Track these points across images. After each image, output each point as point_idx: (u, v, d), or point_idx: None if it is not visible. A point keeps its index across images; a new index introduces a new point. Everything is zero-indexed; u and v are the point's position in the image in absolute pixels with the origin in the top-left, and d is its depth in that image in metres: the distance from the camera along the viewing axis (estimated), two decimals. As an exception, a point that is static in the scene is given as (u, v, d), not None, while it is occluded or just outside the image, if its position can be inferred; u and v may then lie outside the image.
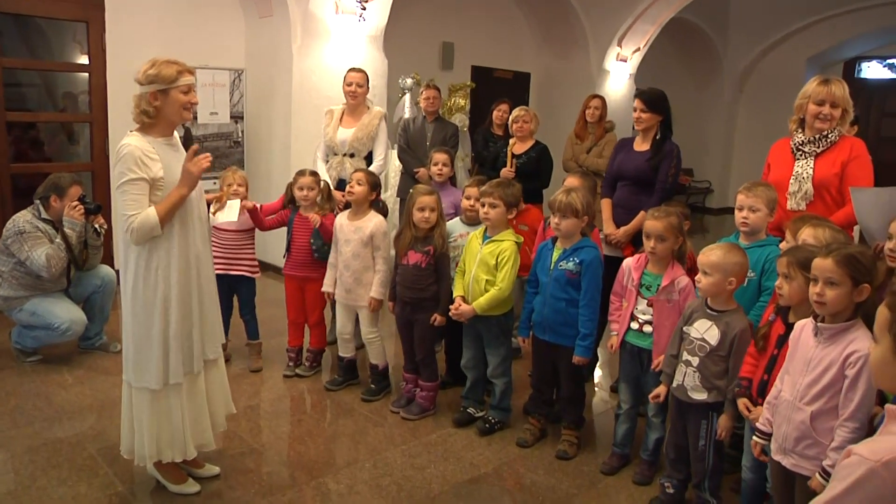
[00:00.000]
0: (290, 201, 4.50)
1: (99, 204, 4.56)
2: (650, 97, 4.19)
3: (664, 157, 4.14)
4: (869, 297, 2.30)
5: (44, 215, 4.44)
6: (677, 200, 4.16)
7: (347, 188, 4.12)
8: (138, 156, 2.75)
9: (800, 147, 3.55)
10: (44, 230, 4.39)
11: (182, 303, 2.90)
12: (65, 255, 4.40)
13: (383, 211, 4.24)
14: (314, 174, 4.44)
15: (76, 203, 4.43)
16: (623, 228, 4.21)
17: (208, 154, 2.95)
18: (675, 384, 3.03)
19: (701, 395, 2.94)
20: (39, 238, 4.34)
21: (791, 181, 3.53)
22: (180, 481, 3.14)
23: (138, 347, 2.90)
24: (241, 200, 4.34)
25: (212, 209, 3.74)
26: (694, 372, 2.95)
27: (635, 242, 4.20)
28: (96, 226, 4.57)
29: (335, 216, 4.33)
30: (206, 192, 3.12)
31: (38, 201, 4.46)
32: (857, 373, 2.22)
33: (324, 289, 4.26)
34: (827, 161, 3.47)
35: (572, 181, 4.05)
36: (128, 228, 2.74)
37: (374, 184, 4.17)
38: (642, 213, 4.11)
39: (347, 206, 4.29)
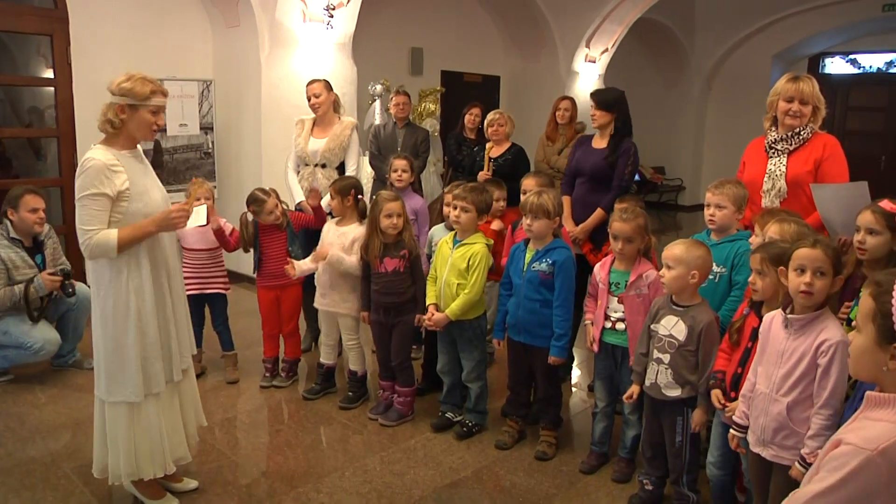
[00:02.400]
0: (251, 236, 4.43)
1: (70, 271, 4.49)
2: (601, 97, 4.32)
3: (621, 155, 4.23)
4: (838, 290, 2.36)
5: (12, 234, 4.37)
6: (630, 195, 4.22)
7: (326, 203, 4.12)
8: (103, 171, 2.73)
9: (773, 145, 3.58)
10: (5, 259, 4.30)
11: (159, 312, 2.90)
12: (17, 301, 4.29)
13: (362, 211, 4.20)
14: (267, 193, 4.37)
15: (58, 277, 4.36)
16: (581, 226, 4.27)
17: (187, 210, 2.97)
18: (647, 383, 3.06)
19: (675, 392, 2.97)
20: None
21: (765, 179, 3.56)
22: (158, 497, 3.11)
23: (112, 361, 2.87)
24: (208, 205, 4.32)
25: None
26: (666, 369, 2.98)
27: (592, 239, 4.25)
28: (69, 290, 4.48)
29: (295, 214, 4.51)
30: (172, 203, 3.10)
31: (4, 221, 4.40)
32: (829, 360, 2.26)
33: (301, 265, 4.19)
34: (800, 159, 3.50)
35: (529, 183, 4.08)
36: (84, 242, 2.73)
37: (343, 189, 4.11)
38: (599, 210, 4.18)
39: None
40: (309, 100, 4.93)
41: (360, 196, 4.16)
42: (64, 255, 4.75)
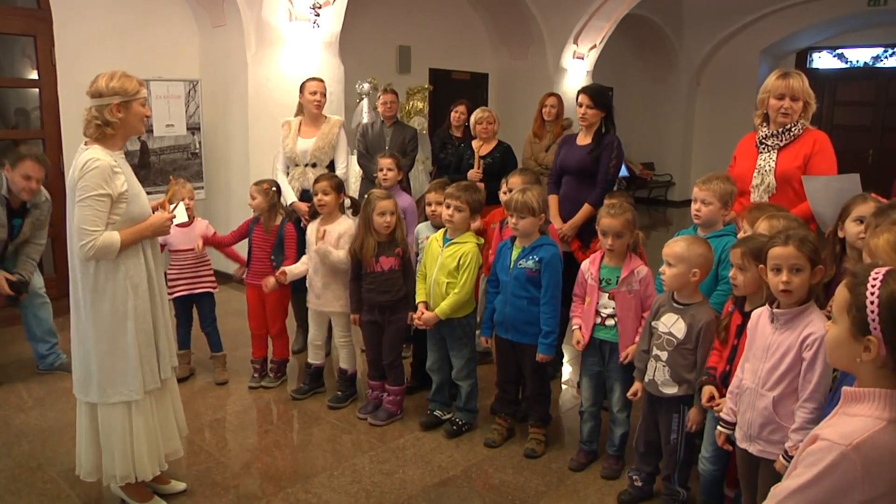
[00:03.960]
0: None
1: (25, 282, 4.45)
2: (595, 93, 4.28)
3: (604, 149, 4.22)
4: (820, 280, 2.36)
5: (2, 191, 4.28)
6: (620, 191, 4.21)
7: (316, 200, 4.09)
8: (108, 171, 2.73)
9: (763, 140, 3.59)
10: None
11: (152, 311, 2.93)
12: None
13: (357, 207, 4.21)
14: (273, 185, 4.43)
15: (9, 291, 4.33)
16: (569, 223, 4.26)
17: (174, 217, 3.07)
18: (646, 379, 3.06)
19: (671, 390, 2.96)
20: None
21: (754, 174, 3.57)
22: (146, 499, 3.09)
23: (110, 362, 2.86)
24: (191, 213, 4.39)
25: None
26: (664, 366, 2.97)
27: (580, 236, 4.24)
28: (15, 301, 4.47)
29: (293, 224, 4.38)
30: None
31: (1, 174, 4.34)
32: (813, 354, 2.26)
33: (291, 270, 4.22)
34: (790, 154, 3.51)
35: (515, 181, 4.08)
36: (88, 244, 2.71)
37: (339, 186, 4.17)
38: (587, 205, 4.17)
39: (314, 215, 4.27)
40: (314, 94, 4.89)
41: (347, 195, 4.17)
42: (45, 236, 4.69)
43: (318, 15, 6.61)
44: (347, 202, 4.27)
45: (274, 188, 4.41)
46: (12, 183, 4.27)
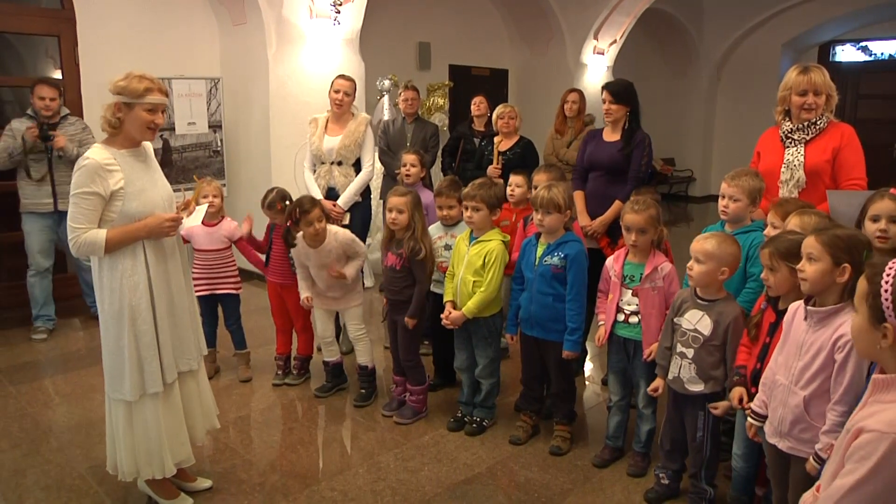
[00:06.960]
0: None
1: (50, 134, 5.12)
2: (617, 89, 4.26)
3: (636, 146, 4.19)
4: (849, 279, 2.32)
5: (30, 111, 5.19)
6: (646, 188, 4.17)
7: (311, 231, 3.92)
8: (96, 170, 2.71)
9: (789, 135, 3.53)
10: (15, 129, 5.13)
11: (157, 311, 2.89)
12: (16, 154, 5.11)
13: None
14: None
15: (35, 131, 5.08)
16: (599, 219, 4.23)
17: (181, 218, 2.96)
18: (671, 377, 3.02)
19: (698, 387, 2.93)
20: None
21: (783, 169, 3.51)
22: (172, 496, 3.11)
23: (111, 358, 2.88)
24: (246, 219, 4.48)
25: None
26: (690, 364, 2.93)
27: (610, 233, 4.21)
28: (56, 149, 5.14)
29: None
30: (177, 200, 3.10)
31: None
32: (845, 356, 2.21)
33: (302, 295, 4.20)
34: (817, 148, 3.46)
35: (540, 178, 4.05)
36: (72, 239, 2.74)
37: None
38: (617, 202, 4.14)
39: (290, 243, 4.14)
40: (337, 93, 4.86)
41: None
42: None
43: (338, 12, 6.63)
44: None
45: (287, 202, 4.34)
46: (35, 106, 5.15)
